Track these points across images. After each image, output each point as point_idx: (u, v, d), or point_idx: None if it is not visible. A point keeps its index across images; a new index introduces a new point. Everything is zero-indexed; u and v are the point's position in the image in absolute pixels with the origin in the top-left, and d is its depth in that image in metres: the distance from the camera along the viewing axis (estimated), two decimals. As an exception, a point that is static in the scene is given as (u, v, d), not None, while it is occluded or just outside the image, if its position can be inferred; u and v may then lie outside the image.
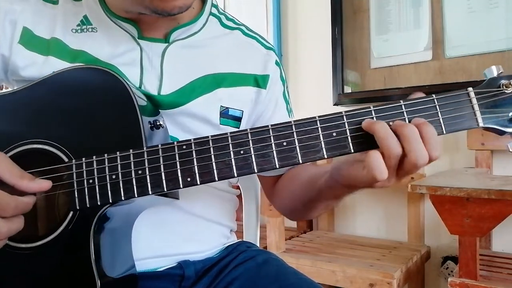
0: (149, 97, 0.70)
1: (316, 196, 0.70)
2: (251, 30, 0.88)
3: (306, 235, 2.05)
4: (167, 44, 0.75)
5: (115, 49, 0.73)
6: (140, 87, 0.72)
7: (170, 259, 0.75)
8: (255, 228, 1.02)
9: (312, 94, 2.18)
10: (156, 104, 0.71)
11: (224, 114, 0.77)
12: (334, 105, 2.05)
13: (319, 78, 2.15)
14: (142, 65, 0.73)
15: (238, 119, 0.80)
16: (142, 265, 0.70)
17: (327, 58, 2.09)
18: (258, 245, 0.97)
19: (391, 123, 0.54)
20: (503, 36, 1.67)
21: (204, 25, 0.80)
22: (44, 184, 0.58)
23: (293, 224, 2.19)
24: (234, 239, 0.88)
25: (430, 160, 0.53)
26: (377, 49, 1.99)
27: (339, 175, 0.60)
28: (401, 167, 0.54)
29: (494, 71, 0.56)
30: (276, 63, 0.86)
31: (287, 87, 0.89)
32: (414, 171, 0.54)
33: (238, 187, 0.98)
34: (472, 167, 1.73)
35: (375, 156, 0.53)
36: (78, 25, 0.74)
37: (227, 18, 0.86)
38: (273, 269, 0.78)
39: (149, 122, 0.62)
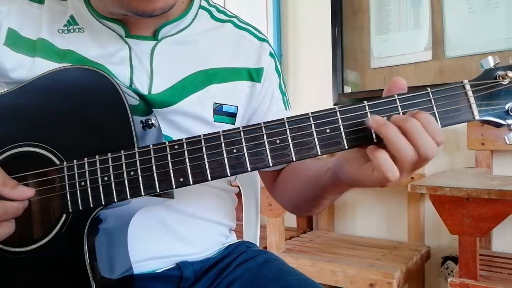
0: (140, 96, 0.69)
1: (321, 193, 0.68)
2: (243, 22, 0.84)
3: (306, 235, 2.04)
4: (156, 41, 0.73)
5: (103, 49, 0.71)
6: (130, 86, 0.70)
7: (167, 261, 0.74)
8: (255, 227, 1.01)
9: (312, 94, 2.18)
10: (147, 103, 0.69)
11: (218, 110, 0.75)
12: (334, 105, 2.04)
13: (319, 78, 2.15)
14: (131, 64, 0.71)
15: (233, 115, 0.77)
16: (140, 267, 0.70)
17: (327, 58, 2.09)
18: (258, 244, 0.96)
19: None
20: (503, 36, 1.67)
21: (193, 19, 0.77)
22: (26, 193, 0.57)
23: (293, 224, 2.19)
24: (234, 239, 0.87)
25: (438, 145, 0.51)
26: (377, 49, 1.99)
27: (345, 175, 0.58)
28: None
29: (490, 62, 0.54)
30: (271, 54, 0.83)
31: (283, 79, 0.86)
32: (426, 163, 0.52)
33: (237, 185, 0.97)
34: (472, 167, 1.73)
35: (383, 158, 0.50)
36: (65, 25, 0.72)
37: (218, 11, 0.83)
38: (274, 269, 0.77)
39: (141, 121, 0.61)
